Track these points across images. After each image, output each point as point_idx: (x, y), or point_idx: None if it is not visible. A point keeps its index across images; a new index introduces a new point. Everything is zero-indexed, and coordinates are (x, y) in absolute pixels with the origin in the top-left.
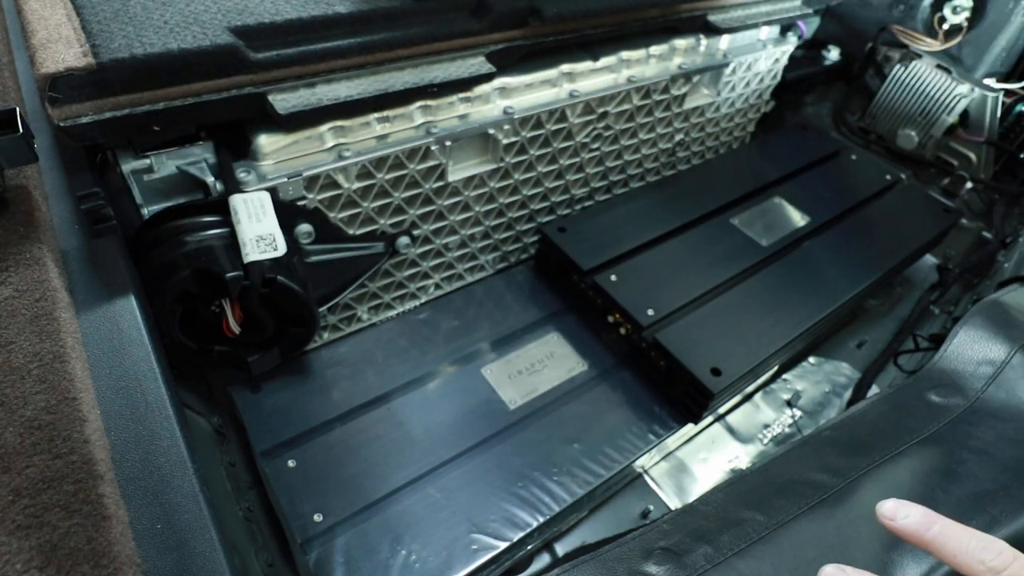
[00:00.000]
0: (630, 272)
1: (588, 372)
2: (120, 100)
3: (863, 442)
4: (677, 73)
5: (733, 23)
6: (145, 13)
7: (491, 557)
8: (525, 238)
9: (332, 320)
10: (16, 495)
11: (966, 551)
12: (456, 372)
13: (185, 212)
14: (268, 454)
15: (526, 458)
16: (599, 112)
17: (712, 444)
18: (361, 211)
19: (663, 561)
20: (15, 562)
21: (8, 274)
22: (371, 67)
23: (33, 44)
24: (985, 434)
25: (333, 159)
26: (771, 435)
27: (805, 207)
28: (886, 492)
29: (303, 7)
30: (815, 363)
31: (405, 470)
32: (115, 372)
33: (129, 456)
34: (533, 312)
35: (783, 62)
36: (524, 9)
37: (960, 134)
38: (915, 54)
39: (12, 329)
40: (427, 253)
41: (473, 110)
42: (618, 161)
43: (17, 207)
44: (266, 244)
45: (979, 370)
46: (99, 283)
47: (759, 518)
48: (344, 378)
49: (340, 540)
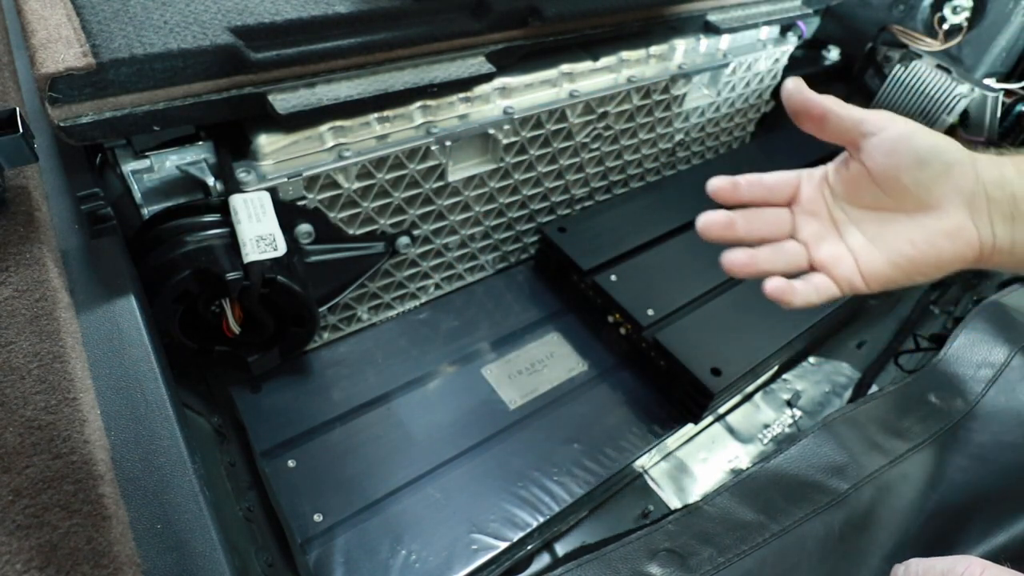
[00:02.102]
0: (630, 272)
1: (588, 372)
2: (120, 100)
3: (870, 442)
4: (677, 73)
5: (733, 23)
6: (145, 13)
7: (491, 557)
8: (525, 238)
9: (332, 320)
10: (16, 495)
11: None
12: (456, 372)
13: (185, 212)
14: (268, 454)
15: (526, 458)
16: (599, 112)
17: (712, 444)
18: (361, 211)
19: (667, 563)
20: (15, 562)
21: (8, 274)
22: (371, 67)
23: (33, 44)
24: (985, 439)
25: (333, 159)
26: (771, 435)
27: None
28: (890, 500)
29: (303, 7)
30: (815, 363)
31: (405, 470)
32: (115, 372)
33: (129, 456)
34: (533, 312)
35: (783, 62)
36: (524, 9)
37: (960, 134)
38: (915, 54)
39: (12, 329)
40: (427, 253)
41: (473, 110)
42: (618, 161)
43: (17, 207)
44: (266, 244)
45: (979, 373)
46: (99, 283)
47: (765, 522)
48: (344, 378)
49: (340, 540)
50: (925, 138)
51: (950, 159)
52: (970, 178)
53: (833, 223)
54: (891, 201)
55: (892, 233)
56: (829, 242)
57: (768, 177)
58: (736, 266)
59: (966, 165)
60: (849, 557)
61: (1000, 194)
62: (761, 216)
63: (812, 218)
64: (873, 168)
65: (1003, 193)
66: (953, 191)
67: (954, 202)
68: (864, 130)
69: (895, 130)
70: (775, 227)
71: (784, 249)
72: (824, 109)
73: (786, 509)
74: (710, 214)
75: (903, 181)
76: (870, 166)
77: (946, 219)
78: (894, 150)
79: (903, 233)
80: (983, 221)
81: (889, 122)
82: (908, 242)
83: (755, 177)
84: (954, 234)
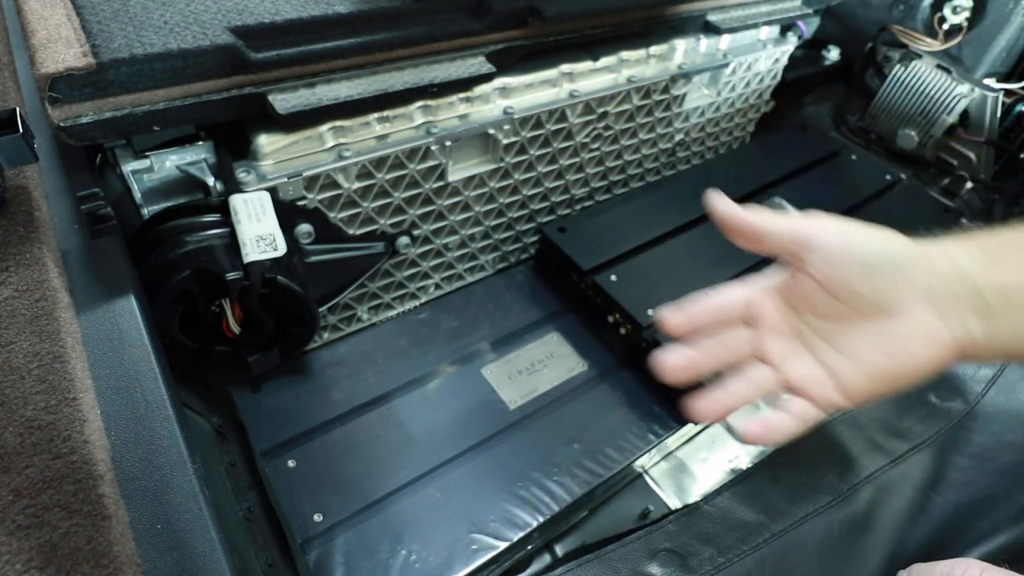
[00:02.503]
0: (630, 272)
1: (588, 372)
2: (120, 100)
3: (870, 442)
4: (677, 73)
5: (733, 23)
6: (145, 13)
7: (491, 557)
8: (525, 238)
9: (332, 320)
10: (16, 495)
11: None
12: (456, 372)
13: (185, 212)
14: (268, 454)
15: (526, 458)
16: (599, 112)
17: (712, 444)
18: (361, 211)
19: (667, 563)
20: (15, 562)
21: (8, 274)
22: (371, 67)
23: (33, 44)
24: (985, 439)
25: (333, 159)
26: None
27: (805, 207)
28: (890, 500)
29: (303, 7)
30: None
31: (405, 470)
32: (115, 372)
33: (129, 456)
34: (533, 312)
35: (783, 62)
36: (524, 9)
37: (960, 134)
38: (915, 54)
39: (12, 329)
40: (427, 253)
41: (473, 110)
42: (618, 161)
43: (17, 207)
44: (266, 244)
45: (979, 373)
46: (99, 283)
47: (765, 522)
48: (344, 378)
49: (340, 540)
50: (868, 244)
51: (900, 260)
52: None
53: (799, 338)
54: (852, 311)
55: (862, 344)
56: (800, 360)
57: (719, 298)
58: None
59: (919, 261)
60: (849, 557)
61: (962, 289)
62: (722, 343)
63: (776, 335)
64: (823, 281)
65: (965, 288)
66: (912, 293)
67: (917, 303)
68: (801, 245)
69: (834, 242)
70: (738, 351)
71: (753, 377)
72: (755, 229)
73: (786, 509)
74: (669, 356)
75: (858, 290)
76: (820, 280)
77: (914, 322)
78: (839, 263)
79: (874, 343)
80: (953, 319)
81: (825, 233)
82: (881, 353)
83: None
84: (926, 337)
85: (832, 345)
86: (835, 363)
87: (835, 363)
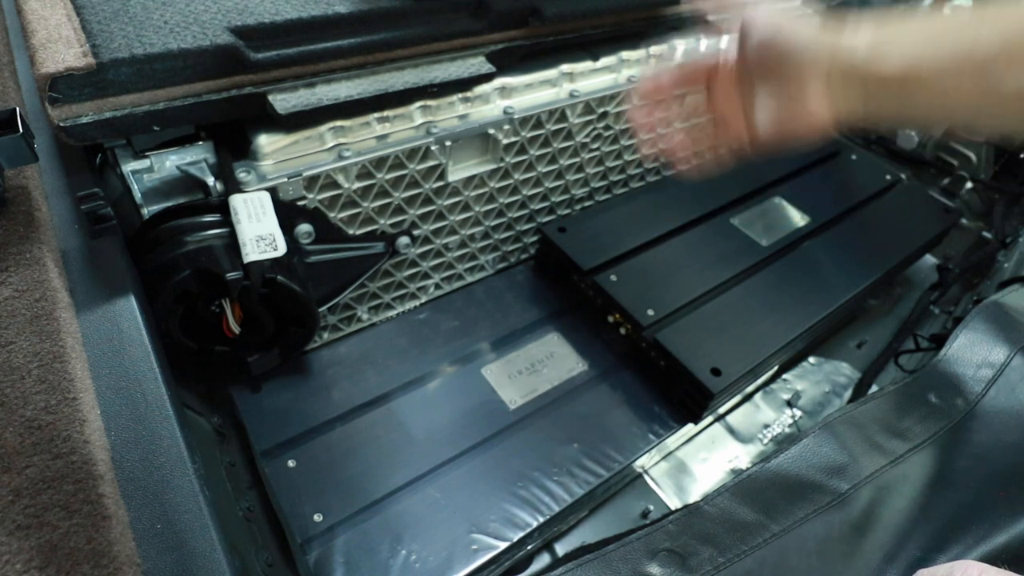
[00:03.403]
0: (630, 272)
1: (588, 372)
2: (120, 100)
3: (870, 442)
4: None
5: (734, 23)
6: (145, 13)
7: (491, 557)
8: (525, 238)
9: (332, 320)
10: (16, 495)
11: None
12: (456, 372)
13: (185, 212)
14: (268, 454)
15: (526, 458)
16: (599, 112)
17: (712, 444)
18: (361, 211)
19: (667, 563)
20: (15, 562)
21: (8, 274)
22: (371, 67)
23: (33, 44)
24: (985, 439)
25: (333, 159)
26: (771, 435)
27: (805, 207)
28: (890, 500)
29: (303, 7)
30: (815, 363)
31: (405, 470)
32: (115, 372)
33: (129, 456)
34: (533, 312)
35: None
36: (524, 9)
37: (960, 133)
38: None
39: (12, 329)
40: (427, 253)
41: (473, 110)
42: (618, 161)
43: (17, 207)
44: (266, 244)
45: (979, 373)
46: (99, 283)
47: (765, 522)
48: (344, 378)
49: (340, 540)
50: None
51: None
52: (827, 65)
53: (735, 87)
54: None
55: (773, 99)
56: (728, 102)
57: (685, 64)
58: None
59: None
60: (849, 557)
61: (851, 79)
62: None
63: (721, 86)
64: (754, 60)
65: (853, 79)
66: (815, 74)
67: (817, 81)
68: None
69: (764, 32)
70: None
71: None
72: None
73: (786, 509)
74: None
75: (775, 70)
76: (751, 59)
77: (812, 92)
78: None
79: (782, 101)
80: (839, 98)
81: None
82: (787, 108)
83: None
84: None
85: (754, 97)
86: (751, 109)
87: (751, 109)
